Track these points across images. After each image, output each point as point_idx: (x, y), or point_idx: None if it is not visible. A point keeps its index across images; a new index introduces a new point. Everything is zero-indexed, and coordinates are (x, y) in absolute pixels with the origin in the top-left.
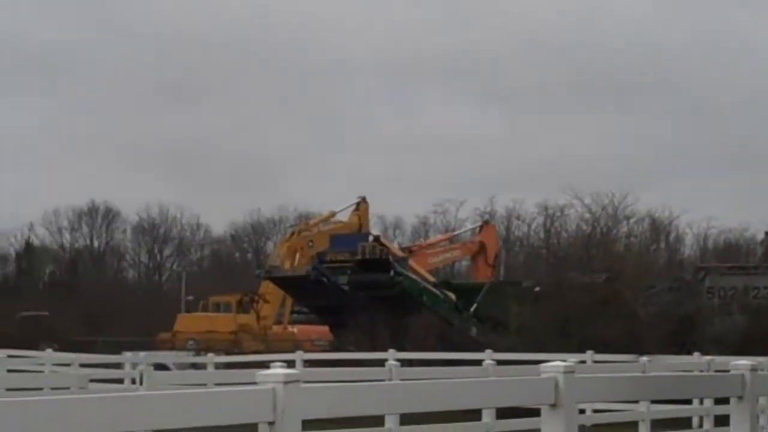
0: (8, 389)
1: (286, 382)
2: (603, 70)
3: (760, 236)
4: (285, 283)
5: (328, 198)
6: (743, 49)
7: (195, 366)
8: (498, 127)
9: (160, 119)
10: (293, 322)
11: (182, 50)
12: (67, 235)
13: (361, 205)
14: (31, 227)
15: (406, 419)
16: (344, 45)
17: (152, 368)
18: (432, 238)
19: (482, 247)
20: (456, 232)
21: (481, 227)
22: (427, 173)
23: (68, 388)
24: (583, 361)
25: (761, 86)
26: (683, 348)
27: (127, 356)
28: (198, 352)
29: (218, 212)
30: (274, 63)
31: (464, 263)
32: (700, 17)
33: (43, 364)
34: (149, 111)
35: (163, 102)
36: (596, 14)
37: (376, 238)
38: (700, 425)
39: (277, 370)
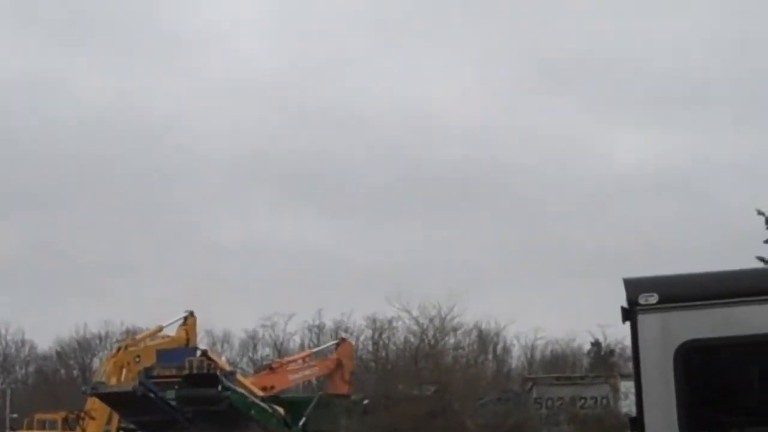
0: None
1: None
2: (422, 175)
3: (587, 346)
4: (111, 399)
5: (156, 311)
6: (573, 151)
7: None
8: (327, 235)
9: None
10: None
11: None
12: None
13: (189, 319)
14: None
15: None
16: (171, 145)
17: None
18: (291, 356)
19: (339, 363)
20: (314, 350)
21: (338, 344)
22: (253, 282)
23: None
24: None
25: (589, 191)
26: None
27: None
28: None
29: (44, 328)
30: (106, 167)
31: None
32: (531, 118)
33: None
34: None
35: None
36: (430, 119)
37: (204, 353)
38: None
39: None
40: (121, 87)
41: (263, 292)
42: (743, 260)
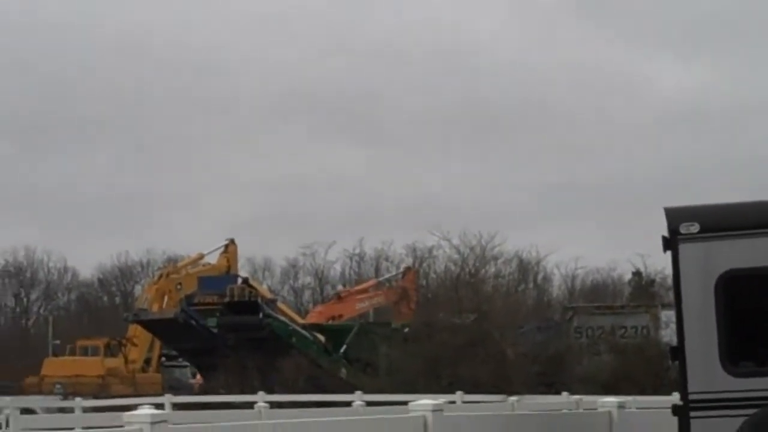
0: None
1: (152, 423)
2: (462, 109)
3: (628, 276)
4: (153, 326)
5: (197, 240)
6: (611, 86)
7: (62, 410)
8: (366, 166)
9: (23, 162)
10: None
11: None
12: None
13: (230, 247)
14: None
15: None
16: (209, 83)
17: (18, 412)
18: (360, 285)
19: (404, 292)
20: (381, 278)
21: (403, 273)
22: (296, 213)
23: None
24: (453, 401)
25: (629, 125)
26: (552, 387)
27: None
28: (65, 396)
29: (86, 255)
30: (133, 102)
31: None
32: (570, 51)
33: None
34: (12, 154)
35: (25, 145)
36: (465, 51)
37: (245, 281)
38: None
39: (144, 411)
40: (160, 19)
41: (304, 221)
42: None
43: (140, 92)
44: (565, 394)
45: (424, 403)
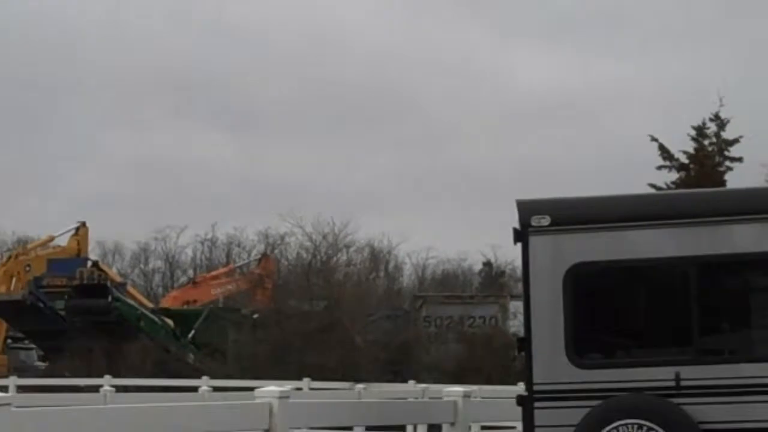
0: None
1: None
2: (324, 94)
3: (478, 267)
4: (0, 307)
5: (47, 222)
6: (477, 76)
7: None
8: (226, 149)
9: None
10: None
11: None
12: None
13: (81, 229)
14: None
15: None
16: (73, 58)
17: None
18: (215, 271)
19: (260, 279)
20: (237, 264)
21: (260, 260)
22: (147, 195)
23: None
24: (300, 388)
25: (490, 115)
26: (399, 375)
27: None
28: None
29: None
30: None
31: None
32: (439, 39)
33: None
34: None
35: None
36: (336, 38)
37: (95, 264)
38: None
39: None
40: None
41: (156, 205)
42: (637, 187)
43: None
44: (411, 382)
45: (270, 389)
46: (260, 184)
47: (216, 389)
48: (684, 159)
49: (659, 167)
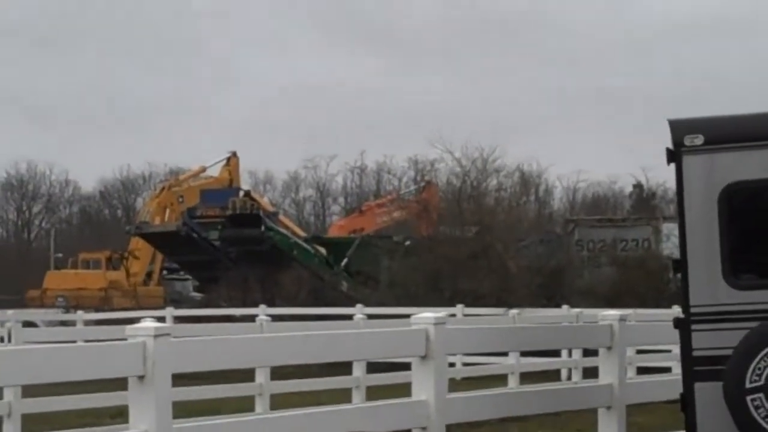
0: None
1: (156, 336)
2: (464, 18)
3: (629, 189)
4: (155, 239)
5: (199, 152)
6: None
7: (64, 323)
8: (371, 74)
9: (22, 70)
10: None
11: None
12: None
13: (232, 160)
14: None
15: (276, 374)
16: None
17: (20, 325)
18: (380, 199)
19: (426, 206)
20: (402, 191)
21: (424, 187)
22: (296, 123)
23: None
24: (454, 315)
25: (634, 36)
26: (552, 300)
27: None
28: (67, 310)
29: (87, 168)
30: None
31: None
32: None
33: None
34: (8, 61)
35: (22, 52)
36: None
37: (247, 194)
38: (569, 377)
39: (147, 324)
40: None
41: (305, 133)
42: None
43: None
44: (565, 307)
45: (425, 316)
46: (409, 110)
47: (370, 317)
48: None
49: None
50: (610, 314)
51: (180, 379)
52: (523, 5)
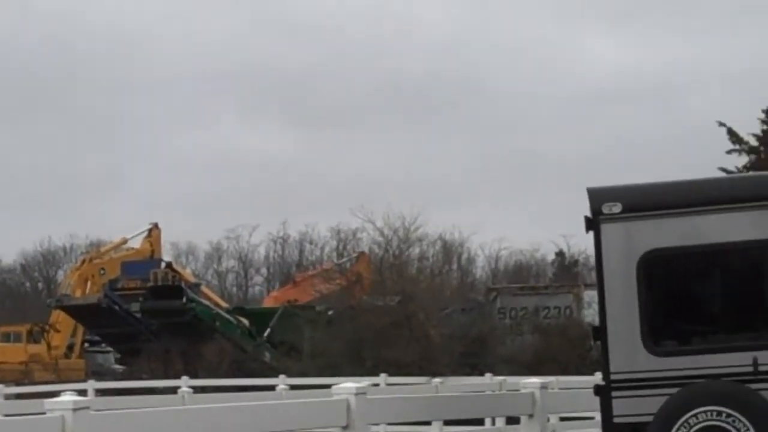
0: None
1: (75, 409)
2: (388, 87)
3: (551, 257)
4: (76, 311)
5: (121, 224)
6: (541, 63)
7: None
8: (293, 146)
9: None
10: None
11: None
12: None
13: (153, 231)
14: None
15: None
16: (134, 62)
17: None
18: (312, 269)
19: (359, 276)
20: (336, 262)
21: (357, 258)
22: (219, 194)
23: None
24: (377, 384)
25: (557, 102)
26: (475, 369)
27: None
28: None
29: (8, 241)
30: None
31: None
32: (503, 29)
33: None
34: None
35: None
36: (397, 30)
37: (169, 265)
38: None
39: (66, 398)
40: None
41: (227, 204)
42: (707, 171)
43: (64, 71)
44: (488, 375)
45: (346, 386)
46: (330, 180)
47: (293, 387)
48: (754, 142)
49: (729, 151)
50: (532, 382)
51: None
52: (449, 74)
